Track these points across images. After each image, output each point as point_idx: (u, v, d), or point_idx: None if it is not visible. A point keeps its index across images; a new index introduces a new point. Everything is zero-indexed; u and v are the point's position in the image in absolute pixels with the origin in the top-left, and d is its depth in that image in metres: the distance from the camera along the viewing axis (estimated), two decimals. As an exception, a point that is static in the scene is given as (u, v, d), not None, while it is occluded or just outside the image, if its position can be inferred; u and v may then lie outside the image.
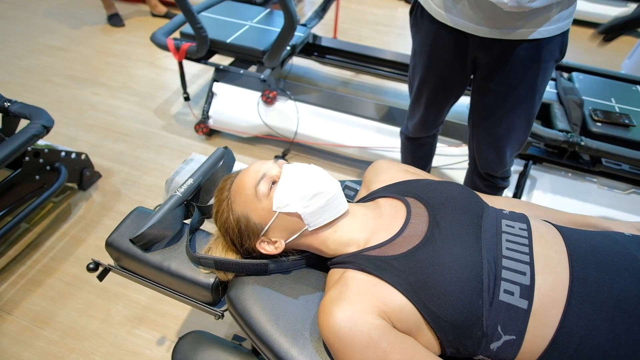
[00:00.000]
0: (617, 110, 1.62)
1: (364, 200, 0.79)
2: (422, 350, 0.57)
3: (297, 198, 0.65)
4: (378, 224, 0.68)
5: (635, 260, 0.57)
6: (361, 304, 0.57)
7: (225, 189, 0.72)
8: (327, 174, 0.70)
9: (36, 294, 1.36)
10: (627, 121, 1.53)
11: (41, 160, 1.47)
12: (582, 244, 0.60)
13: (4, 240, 1.49)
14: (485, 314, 0.55)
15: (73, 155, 1.61)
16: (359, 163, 1.96)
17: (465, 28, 0.93)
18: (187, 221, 0.84)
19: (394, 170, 0.83)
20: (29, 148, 1.41)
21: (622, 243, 0.61)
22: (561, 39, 0.93)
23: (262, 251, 0.70)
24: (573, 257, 0.58)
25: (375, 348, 0.55)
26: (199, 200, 0.86)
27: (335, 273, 0.67)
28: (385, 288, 0.59)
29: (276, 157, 0.77)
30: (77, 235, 1.56)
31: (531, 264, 0.58)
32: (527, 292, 0.56)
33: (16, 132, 1.31)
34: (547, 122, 1.64)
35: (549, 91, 1.74)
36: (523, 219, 0.66)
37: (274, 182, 0.68)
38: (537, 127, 1.45)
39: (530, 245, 0.60)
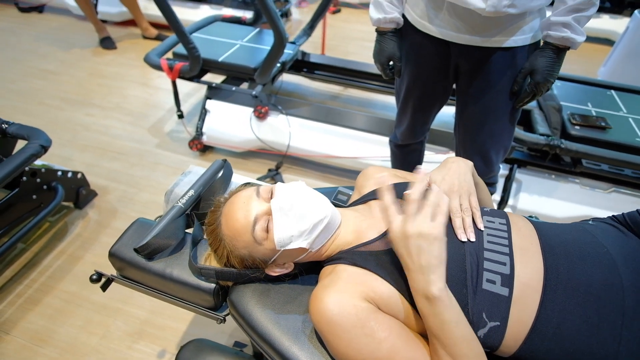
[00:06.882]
0: (594, 113, 1.70)
1: (356, 203, 0.84)
2: (409, 331, 0.62)
3: (296, 234, 0.66)
4: (369, 224, 0.73)
5: (601, 246, 0.63)
6: (349, 291, 0.62)
7: (218, 228, 0.72)
8: (316, 196, 0.70)
9: (34, 313, 1.36)
10: (603, 124, 1.61)
11: (38, 180, 1.49)
12: (553, 237, 0.66)
13: (1, 261, 1.49)
14: (470, 302, 0.60)
15: (69, 175, 1.63)
16: (350, 173, 2.01)
17: (447, 37, 1.00)
18: (189, 230, 0.87)
19: (383, 175, 0.88)
20: (27, 168, 1.43)
21: (589, 232, 0.67)
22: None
23: (273, 274, 0.73)
24: (545, 248, 0.64)
25: (363, 327, 0.59)
26: (199, 209, 0.90)
27: (327, 268, 0.71)
28: (374, 278, 0.64)
29: (246, 184, 0.80)
30: (74, 253, 1.57)
31: (510, 255, 0.63)
32: (508, 280, 0.61)
33: (13, 153, 1.33)
34: (529, 127, 1.71)
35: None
36: (502, 214, 0.71)
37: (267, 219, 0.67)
38: (519, 132, 1.51)
39: (509, 239, 0.66)
